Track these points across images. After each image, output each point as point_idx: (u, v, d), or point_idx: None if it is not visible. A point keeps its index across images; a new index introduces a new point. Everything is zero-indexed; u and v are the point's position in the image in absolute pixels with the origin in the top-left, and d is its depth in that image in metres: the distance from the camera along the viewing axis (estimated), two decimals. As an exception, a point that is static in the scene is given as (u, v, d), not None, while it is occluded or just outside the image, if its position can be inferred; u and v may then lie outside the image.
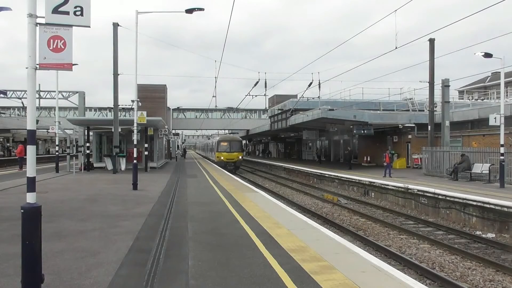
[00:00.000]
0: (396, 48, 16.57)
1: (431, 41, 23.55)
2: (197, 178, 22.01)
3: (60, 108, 34.33)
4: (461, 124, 25.43)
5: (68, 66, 4.92)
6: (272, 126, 42.39)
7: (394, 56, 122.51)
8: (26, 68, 4.53)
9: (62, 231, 8.07)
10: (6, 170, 29.21)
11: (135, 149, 16.75)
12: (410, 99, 32.12)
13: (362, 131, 28.02)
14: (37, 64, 4.68)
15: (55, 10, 4.74)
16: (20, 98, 32.05)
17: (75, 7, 4.79)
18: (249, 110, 63.60)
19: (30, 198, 4.44)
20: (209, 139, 69.14)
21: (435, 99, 25.22)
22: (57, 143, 28.38)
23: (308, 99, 30.56)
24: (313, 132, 39.26)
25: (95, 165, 27.94)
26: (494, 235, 11.95)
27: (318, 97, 27.84)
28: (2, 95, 30.14)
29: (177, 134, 67.53)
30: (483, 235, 11.92)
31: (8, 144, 59.07)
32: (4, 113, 54.37)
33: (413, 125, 27.89)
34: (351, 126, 28.69)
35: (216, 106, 32.96)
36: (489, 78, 50.93)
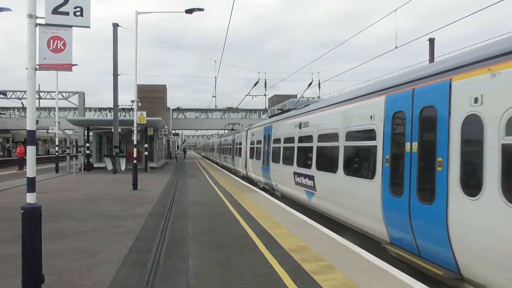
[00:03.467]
0: (396, 47, 16.56)
1: (431, 41, 23.51)
2: (197, 178, 22.00)
3: (60, 109, 34.38)
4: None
5: (68, 67, 4.92)
6: (272, 126, 42.16)
7: (394, 56, 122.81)
8: (26, 68, 4.54)
9: (62, 231, 8.07)
10: (6, 171, 29.21)
11: (135, 149, 16.77)
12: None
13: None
14: (37, 65, 4.68)
15: (55, 11, 4.74)
16: (20, 99, 32.13)
17: (75, 7, 4.79)
18: (249, 110, 63.72)
19: (30, 198, 4.44)
20: (221, 136, 44.91)
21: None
22: (57, 143, 28.38)
23: (308, 99, 30.55)
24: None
25: (95, 165, 27.97)
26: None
27: (318, 97, 27.86)
28: (2, 96, 30.19)
29: (177, 134, 67.56)
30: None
31: (8, 145, 59.05)
32: (4, 114, 54.44)
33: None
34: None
35: (216, 106, 33.04)
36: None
